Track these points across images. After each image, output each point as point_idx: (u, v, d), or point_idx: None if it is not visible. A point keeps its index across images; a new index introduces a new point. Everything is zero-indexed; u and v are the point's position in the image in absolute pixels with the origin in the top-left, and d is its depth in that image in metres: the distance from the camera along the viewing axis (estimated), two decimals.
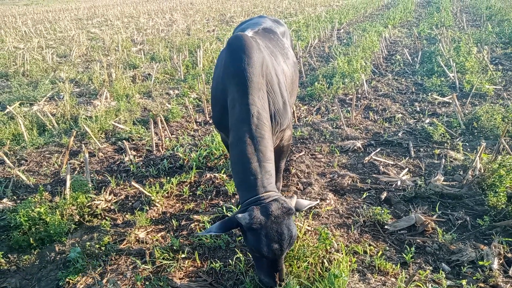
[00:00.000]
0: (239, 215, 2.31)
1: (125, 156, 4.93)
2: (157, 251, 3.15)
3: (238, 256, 3.00)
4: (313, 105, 6.62)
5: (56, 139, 5.52)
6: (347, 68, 7.63)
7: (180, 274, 2.96)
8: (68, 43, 13.67)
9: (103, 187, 4.26)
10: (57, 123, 6.01)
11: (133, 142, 5.45)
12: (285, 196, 2.55)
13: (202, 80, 7.54)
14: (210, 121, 6.15)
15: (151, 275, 2.94)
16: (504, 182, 3.53)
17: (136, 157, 4.96)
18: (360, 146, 4.94)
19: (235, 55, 2.76)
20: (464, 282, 2.65)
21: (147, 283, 2.85)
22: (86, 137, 5.55)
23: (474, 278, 2.75)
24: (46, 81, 8.26)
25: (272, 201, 2.37)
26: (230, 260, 3.03)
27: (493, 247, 2.96)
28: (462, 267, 2.86)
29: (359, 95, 6.91)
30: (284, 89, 3.07)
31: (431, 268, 2.91)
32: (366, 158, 4.62)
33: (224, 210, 3.66)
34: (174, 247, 3.23)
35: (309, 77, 7.97)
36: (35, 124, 5.91)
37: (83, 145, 5.29)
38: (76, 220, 3.65)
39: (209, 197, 4.03)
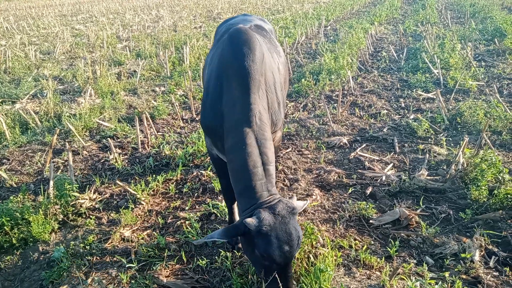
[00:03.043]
0: (247, 220, 2.15)
1: (110, 154, 4.87)
2: (143, 249, 3.13)
3: (224, 253, 3.00)
4: (300, 102, 6.64)
5: (39, 138, 5.42)
6: (333, 65, 7.67)
7: (166, 272, 2.95)
8: (51, 40, 13.40)
9: (88, 186, 4.20)
10: (40, 121, 5.90)
11: (118, 140, 5.39)
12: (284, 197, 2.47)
13: (188, 77, 7.49)
14: (197, 118, 6.12)
15: (136, 274, 2.92)
16: (485, 176, 3.60)
17: (121, 155, 4.91)
18: (346, 142, 4.98)
19: (238, 50, 2.51)
20: (446, 274, 2.70)
21: (132, 281, 2.83)
22: (70, 135, 5.46)
23: (456, 270, 2.81)
24: (29, 78, 8.09)
25: (277, 202, 2.26)
26: (216, 257, 3.03)
27: (474, 239, 3.02)
28: (445, 260, 2.91)
29: (345, 92, 6.96)
30: (279, 88, 2.91)
31: (415, 261, 2.95)
32: (352, 154, 4.65)
33: (211, 207, 3.65)
34: (160, 245, 3.20)
35: (296, 73, 7.99)
36: (17, 122, 5.79)
37: (66, 143, 5.21)
38: (60, 219, 3.59)
39: (196, 194, 4.02)
